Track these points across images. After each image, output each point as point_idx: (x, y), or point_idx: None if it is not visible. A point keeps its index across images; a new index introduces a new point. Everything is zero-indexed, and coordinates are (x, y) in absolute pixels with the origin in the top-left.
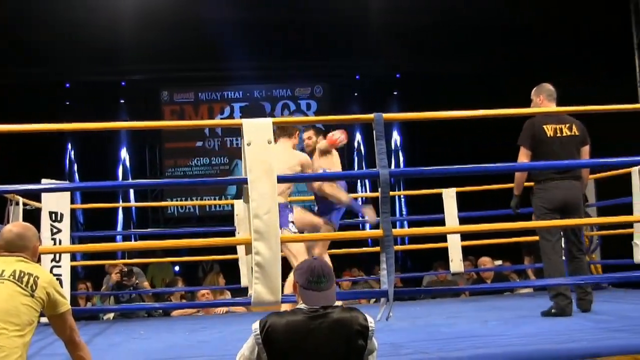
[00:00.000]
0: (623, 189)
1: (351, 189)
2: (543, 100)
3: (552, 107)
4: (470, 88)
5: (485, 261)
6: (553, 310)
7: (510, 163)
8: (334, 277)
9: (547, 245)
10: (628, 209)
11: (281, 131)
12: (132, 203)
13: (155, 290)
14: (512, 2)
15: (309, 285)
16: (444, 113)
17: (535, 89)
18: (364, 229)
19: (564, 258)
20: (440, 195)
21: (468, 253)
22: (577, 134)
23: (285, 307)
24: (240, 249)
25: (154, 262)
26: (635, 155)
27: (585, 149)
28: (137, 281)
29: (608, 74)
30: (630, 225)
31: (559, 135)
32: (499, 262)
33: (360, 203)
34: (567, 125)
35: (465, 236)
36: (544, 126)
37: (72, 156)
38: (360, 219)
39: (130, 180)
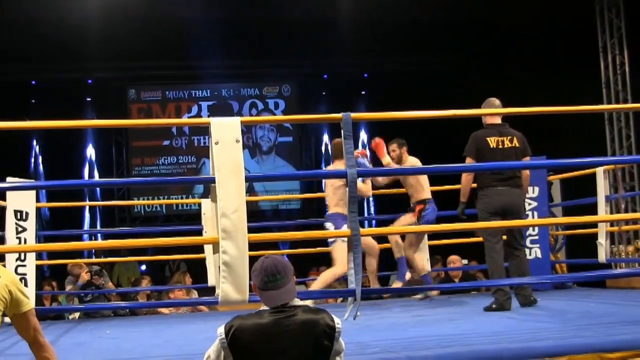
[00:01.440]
0: (588, 189)
1: (317, 188)
2: (484, 118)
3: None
4: (439, 86)
5: (454, 259)
6: (494, 306)
7: (479, 163)
8: (290, 272)
9: (489, 245)
10: (593, 209)
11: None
12: (99, 202)
13: (121, 290)
14: (481, 0)
15: (266, 285)
16: (412, 113)
17: (483, 104)
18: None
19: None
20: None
21: (436, 252)
22: (517, 145)
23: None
24: (208, 248)
25: (120, 261)
26: (600, 156)
27: (526, 160)
28: (102, 281)
29: (575, 75)
30: (594, 225)
31: (500, 146)
32: (465, 262)
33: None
34: (509, 137)
35: (433, 235)
36: (487, 138)
37: (38, 154)
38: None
39: (96, 179)
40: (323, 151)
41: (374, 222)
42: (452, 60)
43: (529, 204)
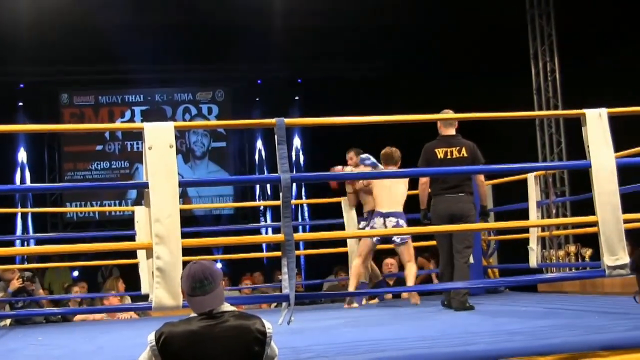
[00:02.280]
0: (520, 194)
1: (250, 194)
2: (440, 127)
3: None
4: (372, 92)
5: (388, 263)
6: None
7: (411, 168)
8: (218, 278)
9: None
10: (524, 214)
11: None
12: (30, 208)
13: (53, 297)
14: (413, 6)
15: (194, 291)
16: (345, 118)
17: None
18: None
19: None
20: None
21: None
22: (466, 155)
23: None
24: (141, 254)
25: (52, 267)
26: (531, 162)
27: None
28: (34, 287)
29: (506, 81)
30: (526, 230)
31: (448, 157)
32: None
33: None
34: (457, 148)
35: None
36: (435, 150)
37: None
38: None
39: (28, 184)
40: (257, 156)
41: (307, 227)
42: (384, 66)
43: None
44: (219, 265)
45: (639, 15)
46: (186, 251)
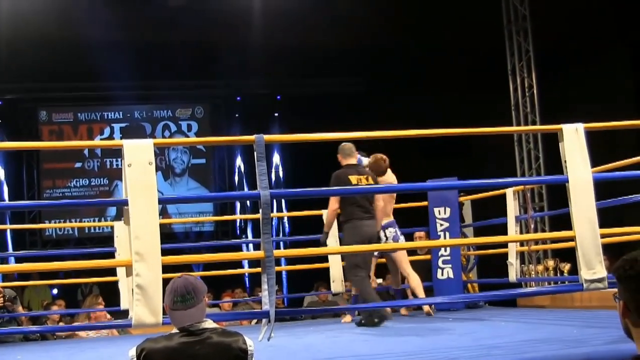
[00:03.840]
0: (499, 209)
1: (231, 211)
2: (341, 159)
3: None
4: (351, 109)
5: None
6: (363, 321)
7: (391, 185)
8: (201, 293)
9: (363, 276)
10: (503, 229)
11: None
12: (9, 225)
13: (32, 314)
14: (392, 24)
15: (175, 305)
16: (325, 135)
17: (339, 149)
18: (247, 249)
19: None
20: (320, 216)
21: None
22: (372, 183)
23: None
24: (121, 271)
25: (31, 285)
26: (510, 177)
27: (378, 195)
28: (14, 307)
29: (484, 97)
30: (505, 245)
31: (361, 184)
32: (380, 281)
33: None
34: (365, 176)
35: None
36: (349, 177)
37: None
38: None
39: (6, 202)
40: (236, 173)
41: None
42: (364, 82)
43: (441, 225)
44: None
45: (616, 29)
46: (166, 268)
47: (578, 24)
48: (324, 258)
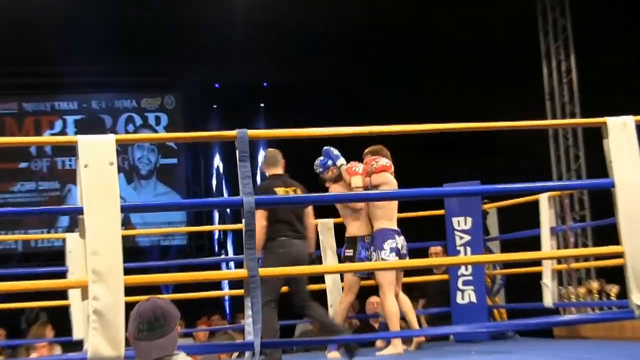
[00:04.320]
0: (530, 219)
1: (207, 221)
2: (266, 169)
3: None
4: (350, 99)
5: (374, 302)
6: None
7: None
8: (172, 319)
9: (272, 306)
10: (536, 244)
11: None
12: None
13: None
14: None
15: (140, 334)
16: (319, 130)
17: (264, 157)
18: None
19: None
20: (315, 226)
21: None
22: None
23: None
24: (74, 294)
25: None
26: (544, 180)
27: (311, 209)
28: None
29: (513, 86)
30: (538, 262)
31: (291, 194)
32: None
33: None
34: (293, 188)
35: None
36: (275, 189)
37: None
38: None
39: None
40: (214, 175)
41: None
42: (363, 69)
43: (460, 238)
44: None
45: None
46: (130, 290)
47: None
48: (319, 278)
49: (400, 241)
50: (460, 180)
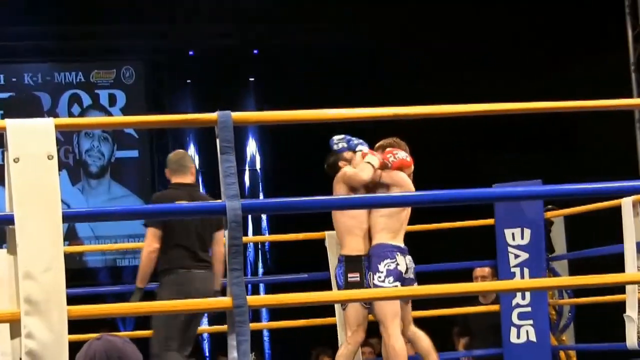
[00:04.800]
0: (609, 231)
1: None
2: (169, 175)
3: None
4: (364, 68)
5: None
6: None
7: (435, 191)
8: None
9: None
10: (618, 264)
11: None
12: None
13: None
14: None
15: None
16: (325, 112)
17: (170, 158)
18: None
19: None
20: (322, 241)
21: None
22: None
23: None
24: (1, 329)
25: None
26: (628, 179)
27: (221, 234)
28: None
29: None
30: (621, 289)
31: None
32: None
33: None
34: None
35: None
36: (176, 202)
37: None
38: None
39: None
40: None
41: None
42: (377, 33)
43: (515, 256)
44: None
45: None
46: (76, 325)
47: None
48: (327, 308)
49: (403, 262)
50: (516, 179)
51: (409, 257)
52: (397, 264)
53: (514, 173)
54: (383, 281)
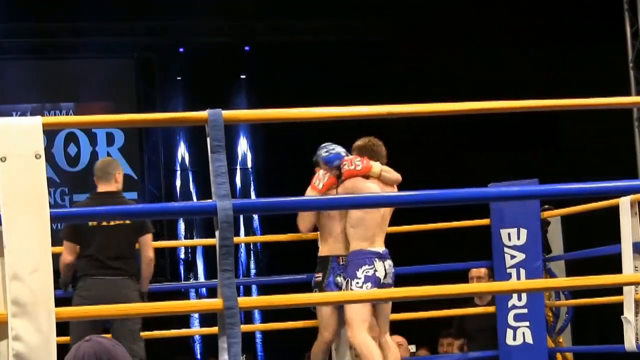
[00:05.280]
0: (606, 231)
1: (169, 234)
2: (96, 181)
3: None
4: (362, 65)
5: (398, 342)
6: None
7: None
8: None
9: None
10: (615, 265)
11: None
12: None
13: None
14: None
15: None
16: (319, 110)
17: (98, 166)
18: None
19: None
20: (314, 242)
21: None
22: (127, 221)
23: None
24: None
25: None
26: (625, 178)
27: (146, 239)
28: None
29: (584, 48)
30: (618, 290)
31: (104, 224)
32: (413, 349)
33: None
34: None
35: None
36: None
37: None
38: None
39: None
40: (178, 172)
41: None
42: (384, 26)
43: (512, 257)
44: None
45: None
46: (64, 327)
47: None
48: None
49: (381, 267)
50: (512, 178)
51: (388, 262)
52: (375, 270)
53: (510, 172)
54: (361, 287)
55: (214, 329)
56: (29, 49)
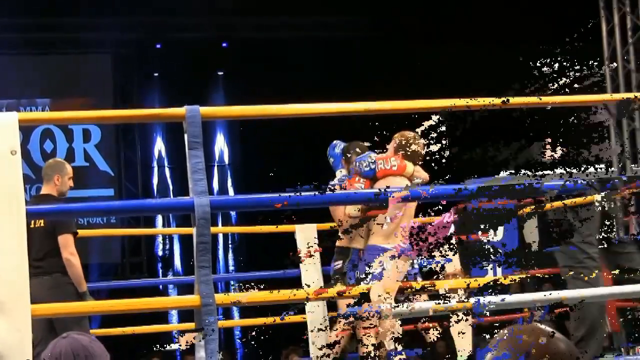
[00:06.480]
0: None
1: (149, 225)
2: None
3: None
4: (341, 62)
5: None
6: None
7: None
8: None
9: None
10: None
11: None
12: None
13: None
14: None
15: None
16: (297, 107)
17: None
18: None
19: None
20: (291, 235)
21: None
22: (42, 224)
23: None
24: None
25: None
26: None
27: (62, 240)
28: None
29: (559, 46)
30: None
31: (31, 226)
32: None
33: None
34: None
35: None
36: None
37: None
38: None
39: None
40: (155, 168)
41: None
42: (363, 23)
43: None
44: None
45: None
46: None
47: None
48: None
49: (389, 266)
50: (486, 174)
51: (402, 262)
52: (384, 268)
53: (480, 167)
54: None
55: (192, 325)
56: (3, 45)
